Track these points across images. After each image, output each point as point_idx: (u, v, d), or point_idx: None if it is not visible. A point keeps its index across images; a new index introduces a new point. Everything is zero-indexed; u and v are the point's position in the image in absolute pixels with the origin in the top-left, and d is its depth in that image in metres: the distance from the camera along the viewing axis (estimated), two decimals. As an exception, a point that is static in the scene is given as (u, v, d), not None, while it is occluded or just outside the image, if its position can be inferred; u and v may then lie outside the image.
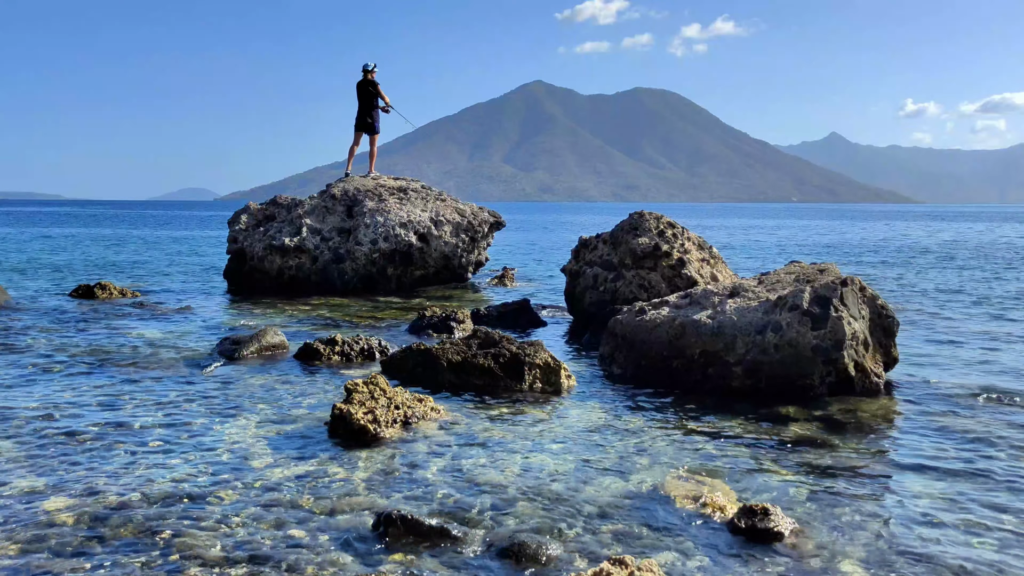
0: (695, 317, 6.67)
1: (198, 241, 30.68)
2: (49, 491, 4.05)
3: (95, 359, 7.36)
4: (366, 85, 14.85)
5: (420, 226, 13.33)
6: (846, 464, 4.65)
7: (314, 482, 4.21)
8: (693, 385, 6.43)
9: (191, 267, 18.61)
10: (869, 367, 6.27)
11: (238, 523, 3.67)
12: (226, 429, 5.18)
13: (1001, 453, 4.86)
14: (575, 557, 3.38)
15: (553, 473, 4.41)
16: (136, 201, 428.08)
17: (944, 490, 4.23)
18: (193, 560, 3.31)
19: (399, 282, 13.30)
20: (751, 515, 3.67)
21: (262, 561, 3.30)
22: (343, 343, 7.53)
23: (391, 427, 5.09)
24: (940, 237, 35.15)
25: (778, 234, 40.34)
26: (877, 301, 6.68)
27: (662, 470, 4.46)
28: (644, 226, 9.88)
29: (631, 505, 3.96)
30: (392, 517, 3.61)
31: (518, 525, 3.68)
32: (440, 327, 9.01)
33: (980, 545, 3.56)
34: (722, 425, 5.43)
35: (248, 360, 7.36)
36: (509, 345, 6.63)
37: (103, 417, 5.41)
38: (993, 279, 15.99)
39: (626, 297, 9.33)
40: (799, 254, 23.85)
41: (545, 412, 5.75)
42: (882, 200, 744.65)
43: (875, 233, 40.37)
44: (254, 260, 13.31)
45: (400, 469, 4.44)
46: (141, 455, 4.63)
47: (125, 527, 3.61)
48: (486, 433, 5.15)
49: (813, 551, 3.48)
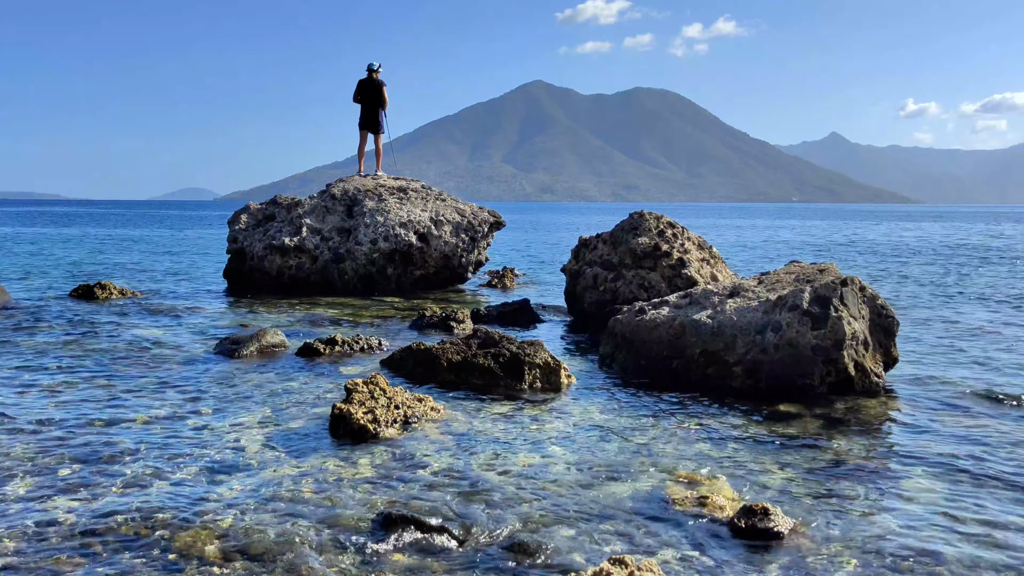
0: (695, 317, 6.67)
1: (198, 241, 30.68)
2: (48, 488, 4.05)
3: (95, 359, 7.36)
4: (372, 84, 14.81)
5: (420, 226, 13.33)
6: (846, 464, 4.65)
7: (314, 482, 4.21)
8: (693, 385, 6.43)
9: (191, 267, 18.60)
10: (869, 367, 6.27)
11: (238, 522, 3.67)
12: (226, 428, 5.18)
13: (1001, 452, 4.86)
14: (575, 557, 3.38)
15: (553, 473, 4.41)
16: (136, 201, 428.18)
17: (944, 489, 4.23)
18: (193, 558, 3.31)
19: (399, 282, 13.30)
20: (751, 515, 3.67)
21: (262, 560, 3.30)
22: (343, 343, 7.53)
23: (391, 427, 5.09)
24: (940, 237, 35.15)
25: (778, 234, 40.35)
26: (877, 301, 6.68)
27: (662, 470, 4.46)
28: (644, 226, 9.88)
29: (631, 505, 3.96)
30: (392, 517, 3.61)
31: (518, 525, 3.68)
32: (440, 327, 9.01)
33: (981, 545, 3.56)
34: (722, 425, 5.43)
35: (248, 360, 7.36)
36: (509, 345, 6.63)
37: (103, 416, 5.41)
38: (993, 279, 15.99)
39: (626, 297, 9.33)
40: (799, 254, 23.86)
41: (545, 412, 5.75)
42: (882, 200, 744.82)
43: (875, 233, 40.37)
44: (254, 260, 13.31)
45: (400, 469, 4.44)
46: (141, 454, 4.63)
47: (125, 525, 3.61)
48: (486, 433, 5.16)
49: (813, 551, 3.48)
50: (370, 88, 14.79)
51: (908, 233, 40.17)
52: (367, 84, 14.79)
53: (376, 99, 14.81)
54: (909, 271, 17.99)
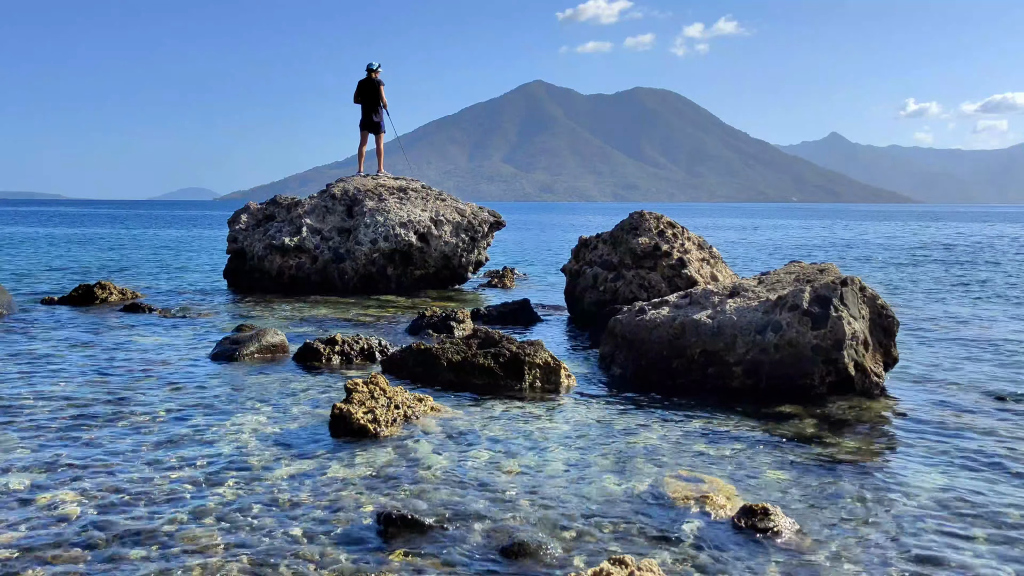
0: (695, 317, 6.67)
1: (198, 241, 30.68)
2: (51, 486, 4.05)
3: (95, 358, 7.36)
4: (371, 84, 14.82)
5: (420, 226, 13.33)
6: (846, 464, 4.65)
7: (314, 481, 4.21)
8: (693, 385, 6.43)
9: (191, 267, 18.61)
10: (869, 367, 6.27)
11: (238, 522, 3.67)
12: (226, 428, 5.18)
13: (1002, 451, 4.86)
14: (575, 556, 3.38)
15: (553, 472, 4.41)
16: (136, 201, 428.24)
17: (944, 489, 4.23)
18: (193, 557, 3.31)
19: (399, 282, 13.30)
20: (751, 515, 3.67)
21: (262, 560, 3.30)
22: (343, 343, 7.53)
23: (391, 427, 5.09)
24: (940, 237, 35.14)
25: (778, 234, 40.34)
26: (877, 301, 6.68)
27: (662, 470, 4.46)
28: (644, 226, 9.88)
29: (631, 505, 3.96)
30: (392, 517, 3.61)
31: (518, 524, 3.68)
32: (440, 327, 9.01)
33: (981, 544, 3.56)
34: (722, 425, 5.43)
35: (248, 360, 7.36)
36: (509, 345, 6.63)
37: (102, 415, 5.41)
38: (994, 279, 15.99)
39: (626, 297, 9.33)
40: (799, 254, 23.86)
41: (545, 412, 5.75)
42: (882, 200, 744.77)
43: (875, 232, 40.36)
44: (254, 260, 13.32)
45: (400, 469, 4.43)
46: (141, 453, 4.63)
47: (126, 523, 3.61)
48: (486, 432, 5.15)
49: (813, 551, 3.48)
50: (369, 88, 14.80)
51: (908, 233, 40.17)
52: (366, 84, 14.81)
53: (375, 99, 14.82)
54: (909, 271, 17.99)
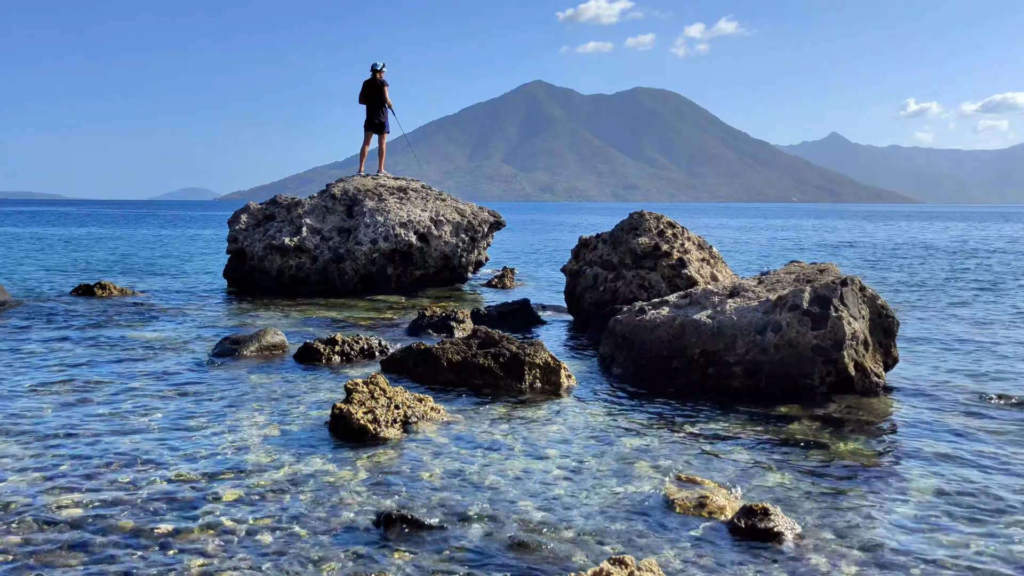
0: (695, 317, 6.67)
1: (198, 240, 30.68)
2: (49, 486, 4.05)
3: (94, 358, 7.36)
4: (376, 85, 14.80)
5: (420, 226, 13.33)
6: (846, 464, 4.65)
7: (314, 481, 4.21)
8: (693, 385, 6.43)
9: (191, 267, 18.60)
10: (869, 367, 6.27)
11: (238, 521, 3.67)
12: (226, 428, 5.18)
13: (1002, 451, 4.86)
14: (575, 557, 3.38)
15: (553, 473, 4.41)
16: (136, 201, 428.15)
17: (944, 489, 4.23)
18: (192, 556, 3.31)
19: (399, 282, 13.30)
20: (751, 515, 3.67)
21: (262, 560, 3.30)
22: (343, 343, 7.53)
23: (391, 427, 5.09)
24: (940, 237, 35.14)
25: (778, 234, 40.34)
26: (877, 301, 6.68)
27: (662, 470, 4.46)
28: (644, 226, 9.88)
29: (631, 505, 3.96)
30: (392, 517, 3.61)
31: (518, 524, 3.68)
32: (440, 327, 9.01)
33: (981, 544, 3.56)
34: (722, 425, 5.43)
35: (248, 360, 7.36)
36: (509, 345, 6.63)
37: (102, 415, 5.41)
38: (994, 278, 15.99)
39: (626, 297, 9.33)
40: (799, 254, 23.85)
41: (545, 412, 5.75)
42: (882, 200, 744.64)
43: (875, 233, 40.36)
44: (254, 260, 13.31)
45: (400, 469, 4.44)
46: (140, 453, 4.63)
47: (125, 522, 3.61)
48: (486, 433, 5.15)
49: (813, 551, 3.48)
50: (373, 89, 14.80)
51: (908, 233, 40.17)
52: (370, 85, 14.81)
53: (379, 99, 14.82)
54: (909, 270, 17.99)
